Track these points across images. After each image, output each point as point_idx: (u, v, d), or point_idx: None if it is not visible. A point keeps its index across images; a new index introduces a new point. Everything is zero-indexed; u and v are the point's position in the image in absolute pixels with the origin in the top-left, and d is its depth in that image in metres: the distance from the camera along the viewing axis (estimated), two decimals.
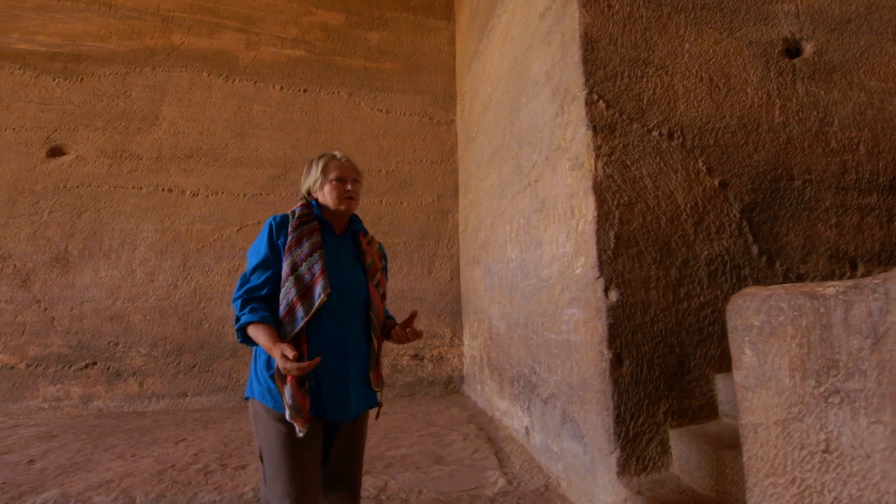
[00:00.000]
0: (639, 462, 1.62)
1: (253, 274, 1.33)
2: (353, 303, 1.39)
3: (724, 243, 1.85)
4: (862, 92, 2.08)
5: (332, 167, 1.43)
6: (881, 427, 0.75)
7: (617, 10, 1.98)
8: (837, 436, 0.82)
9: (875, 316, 0.76)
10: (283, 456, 1.24)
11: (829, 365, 0.84)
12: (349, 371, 1.34)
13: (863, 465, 0.78)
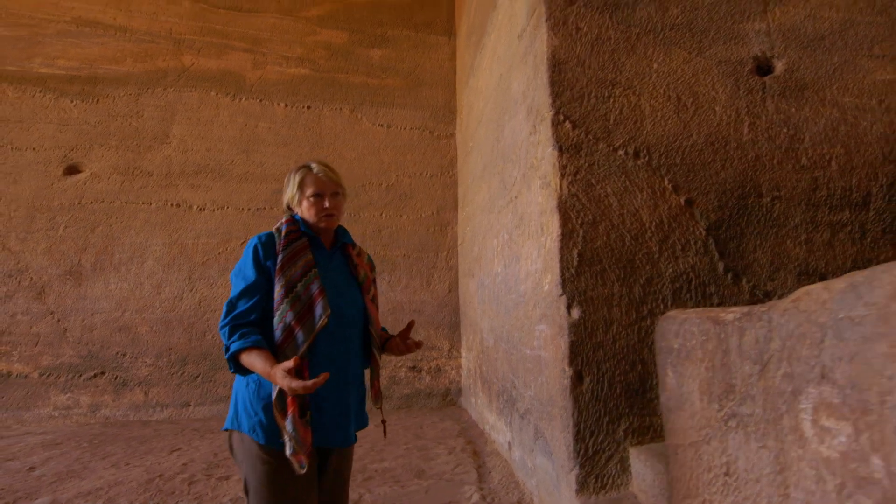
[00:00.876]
0: (598, 480, 1.63)
1: (240, 300, 1.22)
2: (352, 321, 1.33)
3: (690, 261, 1.86)
4: (835, 108, 2.07)
5: (309, 182, 1.35)
6: (766, 452, 0.77)
7: (585, 32, 2.03)
8: (735, 459, 0.84)
9: (761, 343, 0.79)
10: (276, 497, 1.16)
11: (727, 389, 0.86)
12: (350, 394, 1.29)
13: (754, 489, 0.80)
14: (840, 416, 0.65)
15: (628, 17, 2.06)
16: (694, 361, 0.96)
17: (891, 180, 2.03)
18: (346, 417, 1.28)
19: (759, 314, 0.80)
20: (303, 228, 1.34)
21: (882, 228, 1.98)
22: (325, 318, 1.20)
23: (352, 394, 1.31)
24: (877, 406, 0.60)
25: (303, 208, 1.35)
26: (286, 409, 1.14)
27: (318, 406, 1.22)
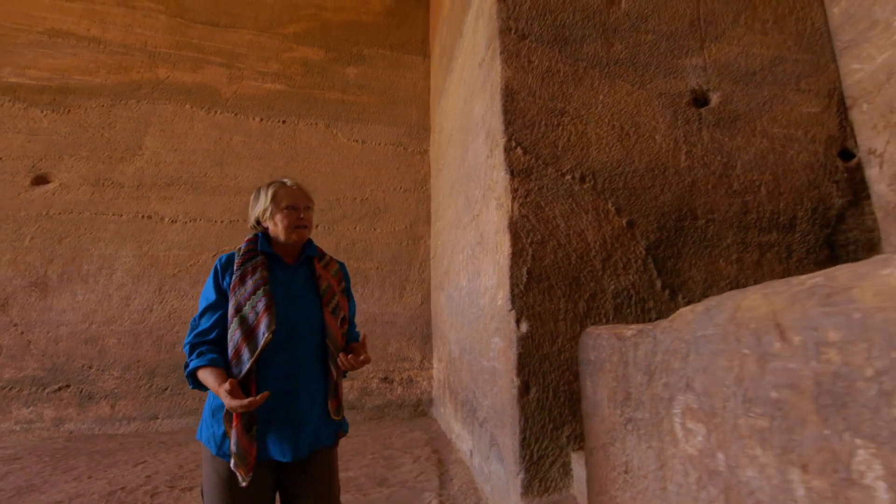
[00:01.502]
0: (542, 483, 1.74)
1: (202, 318, 1.33)
2: (307, 334, 1.35)
3: (630, 278, 2.01)
4: (764, 138, 2.26)
5: (283, 195, 1.39)
6: (651, 451, 0.89)
7: (536, 64, 2.18)
8: (631, 458, 0.96)
9: (649, 356, 0.91)
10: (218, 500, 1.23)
11: (626, 397, 0.99)
12: (300, 407, 1.31)
13: (643, 484, 0.91)
14: (698, 420, 0.78)
15: (576, 51, 2.22)
16: (604, 372, 1.09)
17: (814, 205, 2.22)
18: (296, 431, 1.29)
19: (648, 331, 0.93)
20: (261, 247, 1.39)
21: (806, 249, 2.16)
22: (268, 335, 1.24)
23: (303, 407, 1.31)
24: (720, 410, 0.72)
25: (276, 220, 1.39)
26: (232, 423, 1.20)
27: (266, 419, 1.26)
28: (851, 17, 2.35)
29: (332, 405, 1.36)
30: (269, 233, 1.42)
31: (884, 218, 2.20)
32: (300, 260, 1.44)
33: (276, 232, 1.40)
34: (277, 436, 1.27)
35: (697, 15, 2.36)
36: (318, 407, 1.35)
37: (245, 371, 1.23)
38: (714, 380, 0.74)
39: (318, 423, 1.34)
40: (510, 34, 2.20)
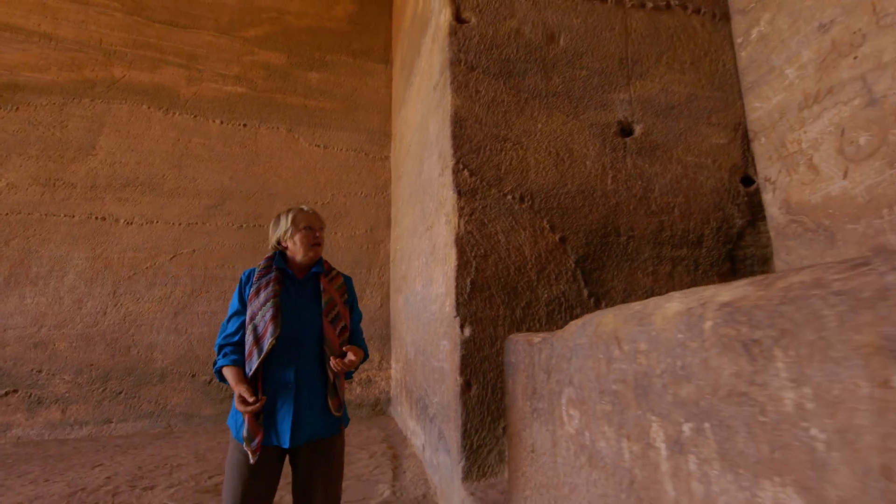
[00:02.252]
0: (480, 469, 1.98)
1: (229, 322, 1.60)
2: (309, 340, 1.57)
3: (561, 287, 2.28)
4: (679, 165, 2.60)
5: (301, 218, 1.66)
6: (548, 433, 1.14)
7: (483, 95, 2.42)
8: (536, 440, 1.21)
9: (548, 359, 1.16)
10: (235, 477, 1.47)
11: (533, 391, 1.23)
12: (300, 403, 1.51)
13: (543, 460, 1.16)
14: (576, 407, 1.02)
15: (519, 83, 2.48)
16: (519, 372, 1.33)
17: (719, 224, 2.58)
18: (295, 423, 1.51)
19: (548, 339, 1.17)
20: (276, 264, 1.63)
21: (710, 262, 2.51)
22: (272, 341, 1.49)
23: (303, 403, 1.53)
24: (587, 400, 0.97)
25: (295, 240, 1.64)
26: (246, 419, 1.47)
27: (270, 411, 1.51)
28: (754, 61, 2.73)
29: (333, 403, 1.57)
30: (286, 252, 1.67)
31: (776, 236, 2.58)
32: (308, 275, 1.68)
33: (295, 250, 1.65)
34: (279, 425, 1.51)
35: (626, 54, 2.67)
36: (318, 403, 1.56)
37: (254, 370, 1.48)
38: (584, 377, 0.98)
39: (318, 418, 1.55)
40: (460, 66, 2.44)
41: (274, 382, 1.52)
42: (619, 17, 2.71)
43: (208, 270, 4.84)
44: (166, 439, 3.89)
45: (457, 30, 2.49)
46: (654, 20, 2.76)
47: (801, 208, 2.43)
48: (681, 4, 2.82)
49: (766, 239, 2.60)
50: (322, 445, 1.57)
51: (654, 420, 0.75)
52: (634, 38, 2.70)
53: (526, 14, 2.58)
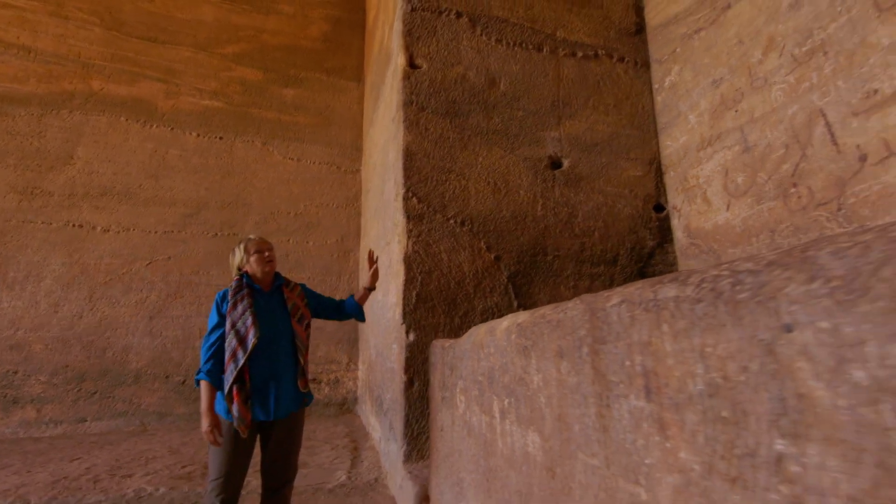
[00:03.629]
0: (418, 453, 2.35)
1: (211, 334, 1.95)
2: (282, 337, 1.97)
3: (495, 299, 2.68)
4: (600, 194, 3.03)
5: (251, 245, 2.06)
6: (449, 415, 1.52)
7: (431, 132, 2.81)
8: (444, 422, 1.59)
9: (452, 359, 1.54)
10: (223, 450, 1.83)
11: (444, 384, 1.61)
12: (279, 384, 1.91)
13: (447, 436, 1.54)
14: (463, 394, 1.41)
15: (463, 122, 2.87)
16: (437, 369, 1.71)
17: (633, 245, 3.02)
18: (276, 401, 1.91)
19: (453, 344, 1.55)
20: (246, 282, 2.01)
21: (624, 278, 2.94)
22: (254, 340, 1.86)
23: (281, 386, 1.93)
24: (468, 388, 1.36)
25: (251, 262, 2.03)
26: (233, 398, 1.83)
27: (255, 395, 1.89)
28: (667, 106, 3.19)
29: (301, 383, 2.01)
30: (248, 273, 2.04)
31: (680, 256, 3.04)
32: (273, 288, 2.08)
33: (254, 270, 2.04)
34: (263, 405, 1.90)
35: (557, 97, 3.10)
36: (290, 384, 1.97)
37: (241, 365, 1.83)
38: (467, 372, 1.36)
39: (290, 395, 1.96)
40: (412, 106, 2.81)
41: (259, 372, 1.90)
42: (553, 64, 3.13)
43: (183, 276, 5.08)
44: (140, 436, 4.13)
45: (410, 74, 2.87)
46: (583, 67, 3.19)
47: (698, 233, 2.89)
48: (607, 53, 3.26)
49: (672, 258, 3.06)
50: (292, 419, 1.97)
51: (494, 399, 1.13)
52: (565, 83, 3.13)
53: (471, 61, 2.98)
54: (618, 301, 0.66)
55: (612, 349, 0.65)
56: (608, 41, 3.28)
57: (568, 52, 3.18)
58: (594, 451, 0.69)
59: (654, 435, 0.56)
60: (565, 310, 0.80)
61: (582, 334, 0.74)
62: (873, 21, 2.00)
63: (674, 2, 3.12)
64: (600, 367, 0.68)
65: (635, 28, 3.36)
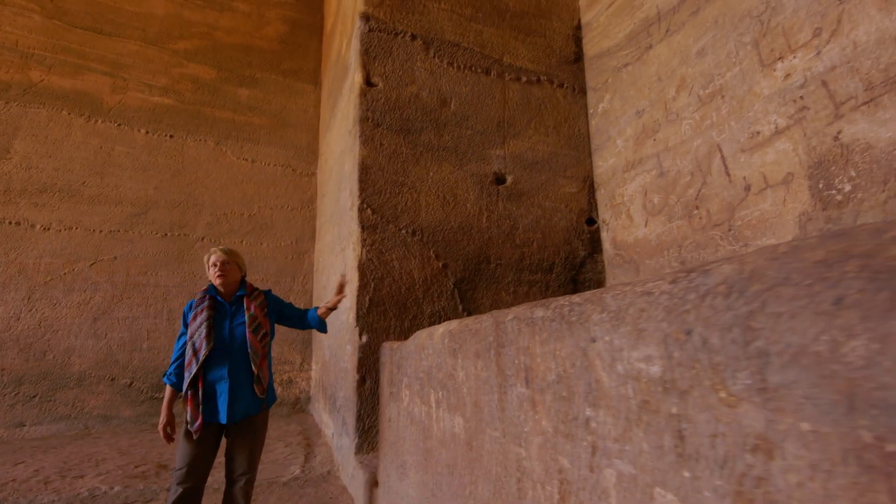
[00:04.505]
0: (369, 445, 2.56)
1: (178, 341, 2.16)
2: (237, 346, 2.11)
3: (442, 304, 2.93)
4: (539, 208, 3.35)
5: (209, 258, 2.22)
6: (396, 408, 1.75)
7: (386, 147, 3.01)
8: (391, 414, 1.81)
9: (399, 358, 1.77)
10: (183, 445, 2.02)
11: (391, 380, 1.84)
12: (233, 390, 2.05)
13: (394, 426, 1.77)
14: (408, 388, 1.64)
15: (416, 139, 3.10)
16: (386, 368, 1.93)
17: (567, 255, 3.35)
18: (231, 405, 2.07)
19: (401, 345, 1.78)
20: (210, 293, 2.18)
21: (559, 285, 3.27)
22: (205, 353, 2.04)
23: (235, 391, 2.09)
24: (411, 383, 1.59)
25: (209, 275, 2.21)
26: (188, 402, 2.03)
27: (210, 398, 2.06)
28: (599, 129, 3.56)
29: (258, 389, 2.14)
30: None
31: (608, 265, 3.41)
32: (234, 298, 2.22)
33: (212, 280, 2.21)
34: (216, 408, 2.06)
35: (503, 118, 3.39)
36: (247, 390, 2.12)
37: (194, 373, 2.03)
38: (411, 370, 1.60)
39: (247, 401, 2.11)
40: (368, 122, 3.01)
41: (212, 379, 2.08)
42: (500, 87, 3.42)
43: (130, 277, 4.99)
44: (85, 440, 4.07)
45: (366, 92, 3.06)
46: (527, 92, 3.50)
47: (622, 245, 3.27)
48: (548, 80, 3.59)
49: (601, 267, 3.43)
50: (251, 420, 2.15)
51: (432, 391, 1.37)
52: (511, 106, 3.42)
53: (424, 82, 3.21)
54: (512, 317, 0.91)
55: (508, 351, 0.90)
56: (550, 68, 3.61)
57: (514, 76, 3.48)
58: (496, 426, 0.94)
59: (529, 411, 0.81)
60: (480, 321, 1.05)
61: (490, 340, 0.98)
62: (758, 74, 2.40)
63: (606, 37, 3.49)
64: (501, 365, 0.93)
65: (574, 57, 3.71)
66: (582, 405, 0.67)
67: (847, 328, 0.35)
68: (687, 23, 2.80)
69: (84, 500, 2.53)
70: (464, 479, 1.10)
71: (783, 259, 0.41)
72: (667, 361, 0.52)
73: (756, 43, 2.39)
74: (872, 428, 0.35)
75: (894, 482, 0.34)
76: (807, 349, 0.38)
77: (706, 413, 0.47)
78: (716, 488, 0.46)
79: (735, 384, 0.44)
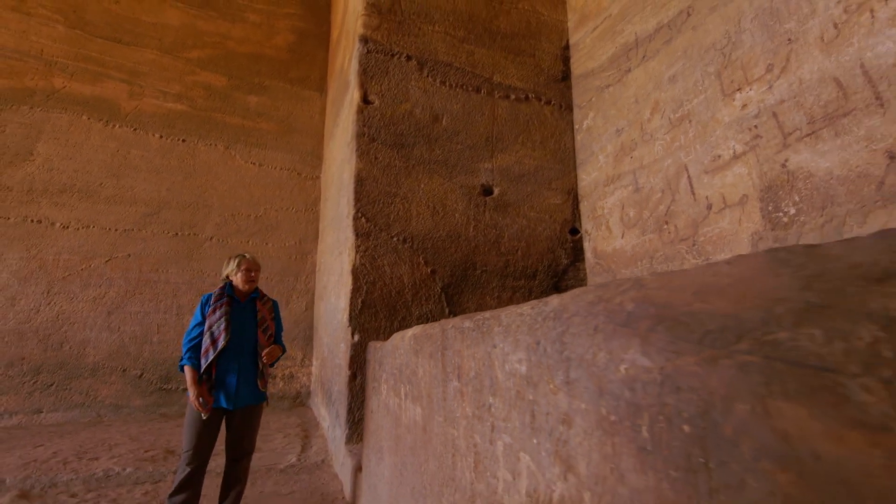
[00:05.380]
0: (358, 435, 2.80)
1: (192, 330, 2.39)
2: (247, 342, 2.41)
3: (430, 307, 3.16)
4: (524, 219, 3.57)
5: (243, 263, 2.51)
6: (377, 400, 1.98)
7: (380, 160, 3.25)
8: (373, 406, 2.05)
9: (381, 356, 2.01)
10: (192, 428, 2.26)
11: (374, 376, 2.08)
12: (240, 380, 2.34)
13: (376, 416, 2.00)
14: (385, 384, 1.87)
15: (409, 153, 3.33)
16: (370, 364, 2.17)
17: (550, 263, 3.57)
18: (236, 393, 2.36)
19: (383, 345, 2.02)
20: (227, 291, 2.46)
21: (541, 291, 3.49)
22: (224, 342, 2.32)
23: (242, 382, 2.38)
24: (389, 378, 1.83)
25: (237, 277, 2.50)
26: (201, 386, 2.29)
27: (219, 386, 2.34)
28: (584, 145, 3.77)
29: (261, 383, 2.47)
30: (232, 282, 2.49)
31: (588, 273, 3.62)
32: (248, 300, 2.54)
33: (237, 283, 2.50)
34: (225, 395, 2.35)
35: (491, 134, 3.61)
36: (251, 383, 2.43)
37: (210, 361, 2.29)
38: (389, 366, 1.83)
39: (250, 391, 2.42)
40: (364, 137, 3.25)
41: (224, 367, 2.37)
42: (489, 104, 3.64)
43: (142, 274, 5.28)
44: (97, 427, 4.36)
45: (364, 109, 3.30)
46: (515, 108, 3.72)
47: (602, 255, 3.48)
48: (536, 97, 3.81)
49: (583, 275, 3.64)
50: (250, 410, 2.44)
51: (402, 385, 1.60)
52: (499, 122, 3.65)
53: (418, 99, 3.44)
54: (451, 326, 1.13)
55: (449, 353, 1.12)
56: (538, 86, 3.82)
57: (503, 94, 3.70)
58: (441, 413, 1.16)
59: (460, 400, 1.03)
60: (433, 328, 1.28)
61: (439, 343, 1.21)
62: (720, 102, 2.61)
63: (591, 58, 3.70)
64: (444, 363, 1.15)
65: (562, 75, 3.92)
66: (487, 395, 0.90)
67: (597, 344, 0.58)
68: (661, 51, 3.00)
69: (99, 479, 2.80)
70: (420, 458, 1.33)
71: (579, 298, 0.63)
72: (528, 363, 0.74)
73: (719, 74, 2.60)
74: (607, 407, 0.57)
75: (615, 439, 0.56)
76: (584, 357, 0.60)
77: (544, 399, 0.69)
78: (547, 450, 0.68)
79: (556, 378, 0.66)
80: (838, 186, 2.04)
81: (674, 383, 0.51)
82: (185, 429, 2.30)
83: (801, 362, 0.40)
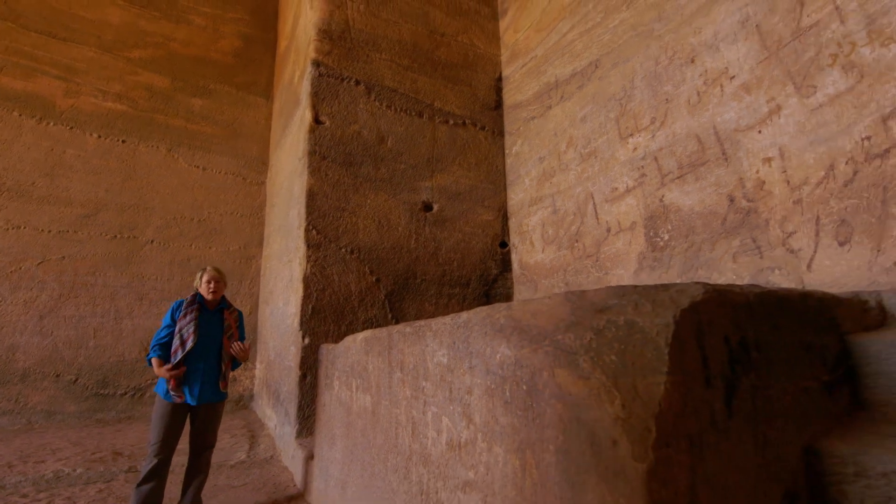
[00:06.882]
0: (307, 430, 3.10)
1: (162, 331, 2.64)
2: (213, 346, 2.68)
3: (374, 312, 3.51)
4: (460, 233, 4.01)
5: (206, 275, 2.79)
6: (330, 396, 2.32)
7: (330, 177, 3.56)
8: (325, 400, 2.38)
9: (334, 357, 2.35)
10: (160, 422, 2.51)
11: (326, 374, 2.41)
12: (204, 380, 2.59)
13: (327, 410, 2.34)
14: (338, 380, 2.22)
15: (356, 171, 3.66)
16: (322, 364, 2.50)
17: (482, 273, 4.03)
18: (200, 391, 2.61)
19: (334, 347, 2.36)
20: (198, 299, 2.73)
21: (474, 298, 3.95)
22: (192, 344, 2.59)
23: (205, 380, 2.64)
24: (341, 375, 2.18)
25: (202, 287, 2.78)
26: (170, 383, 2.48)
27: (186, 382, 2.59)
28: (513, 168, 4.28)
29: (222, 384, 2.75)
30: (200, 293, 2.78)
31: (515, 283, 4.13)
32: (216, 309, 2.81)
33: (203, 291, 2.79)
34: (192, 391, 2.60)
35: (432, 155, 4.02)
36: (213, 382, 2.70)
37: (178, 360, 2.55)
38: (341, 365, 2.17)
39: (212, 390, 2.69)
40: (315, 155, 3.54)
41: (190, 367, 2.62)
42: (430, 128, 4.05)
43: (78, 277, 5.18)
44: (30, 433, 4.29)
45: (315, 129, 3.59)
46: (454, 133, 4.16)
47: (526, 266, 4.00)
48: (472, 123, 4.27)
49: (510, 284, 4.14)
50: (212, 406, 2.72)
51: (353, 380, 1.95)
52: (439, 144, 4.07)
53: (366, 121, 3.79)
54: (396, 331, 1.52)
55: (394, 351, 1.50)
56: (474, 113, 4.29)
57: (443, 119, 4.13)
58: (387, 398, 1.54)
59: (403, 386, 1.42)
60: (381, 332, 1.65)
61: (385, 344, 1.59)
62: (617, 143, 3.18)
63: (520, 92, 4.22)
64: (390, 360, 1.53)
65: (495, 104, 4.42)
66: (421, 380, 1.29)
67: (486, 343, 0.99)
68: (575, 94, 3.56)
69: (49, 480, 2.89)
70: (369, 437, 1.70)
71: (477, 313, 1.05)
72: (448, 356, 1.14)
73: (617, 120, 3.17)
74: (490, 379, 0.99)
75: (494, 399, 0.98)
76: (479, 350, 1.01)
77: (458, 379, 1.09)
78: (458, 412, 1.08)
79: (464, 365, 1.06)
80: (697, 220, 2.64)
81: (520, 363, 0.93)
82: (153, 423, 2.52)
83: (565, 350, 0.84)
